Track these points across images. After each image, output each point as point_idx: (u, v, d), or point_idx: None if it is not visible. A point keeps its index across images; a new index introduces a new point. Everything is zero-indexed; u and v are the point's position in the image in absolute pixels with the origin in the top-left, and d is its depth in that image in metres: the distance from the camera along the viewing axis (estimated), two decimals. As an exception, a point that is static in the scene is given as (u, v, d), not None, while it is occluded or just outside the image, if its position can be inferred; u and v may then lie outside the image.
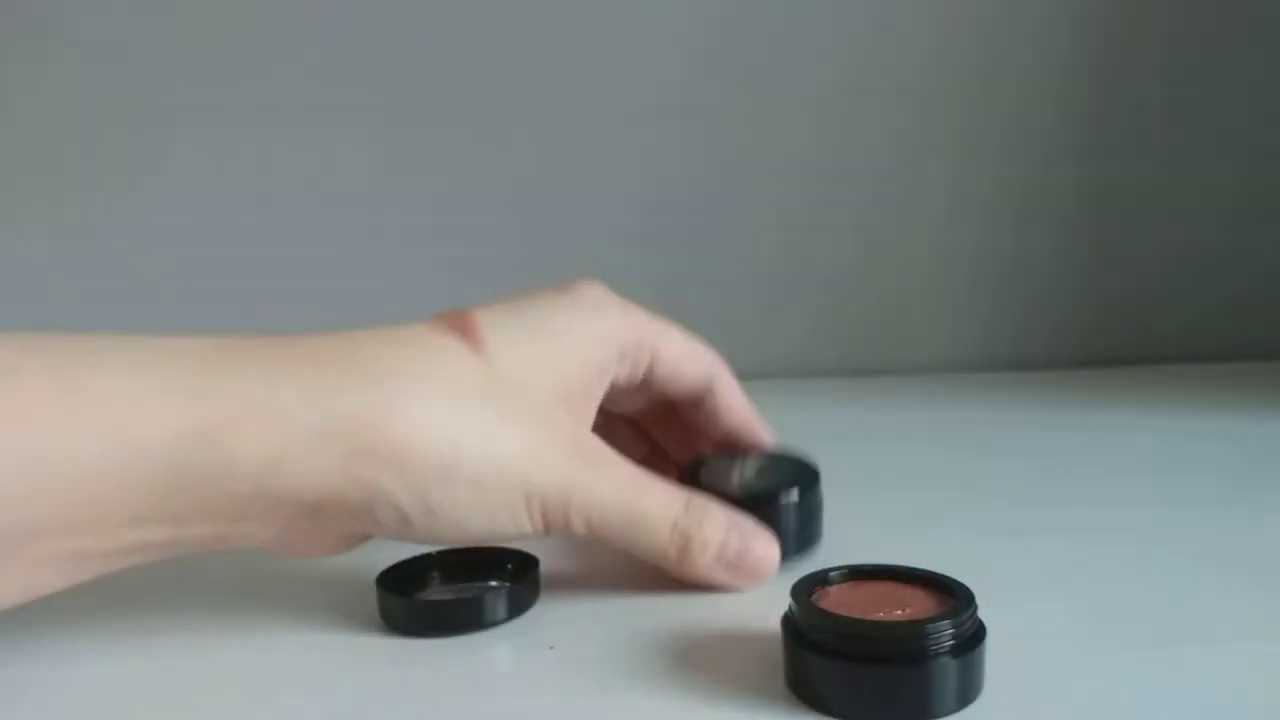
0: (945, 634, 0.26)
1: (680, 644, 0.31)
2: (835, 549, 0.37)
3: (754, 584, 0.34)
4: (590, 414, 0.34)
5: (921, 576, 0.29)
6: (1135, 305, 0.79)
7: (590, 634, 0.32)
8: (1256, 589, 0.34)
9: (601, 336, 0.34)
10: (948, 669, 0.26)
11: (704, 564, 0.33)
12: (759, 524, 0.34)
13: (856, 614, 0.27)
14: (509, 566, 0.36)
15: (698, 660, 0.30)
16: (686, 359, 0.36)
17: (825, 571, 0.29)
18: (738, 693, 0.28)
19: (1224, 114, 0.76)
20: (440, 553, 0.36)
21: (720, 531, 0.33)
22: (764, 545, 0.34)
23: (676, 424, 0.41)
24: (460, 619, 0.32)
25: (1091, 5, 0.74)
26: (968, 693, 0.26)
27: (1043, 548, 0.39)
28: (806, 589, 0.28)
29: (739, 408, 0.39)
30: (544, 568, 0.35)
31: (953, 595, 0.27)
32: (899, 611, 0.27)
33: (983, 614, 0.27)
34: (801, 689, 0.27)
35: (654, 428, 0.42)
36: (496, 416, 0.30)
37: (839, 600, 0.28)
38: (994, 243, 0.78)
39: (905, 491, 0.47)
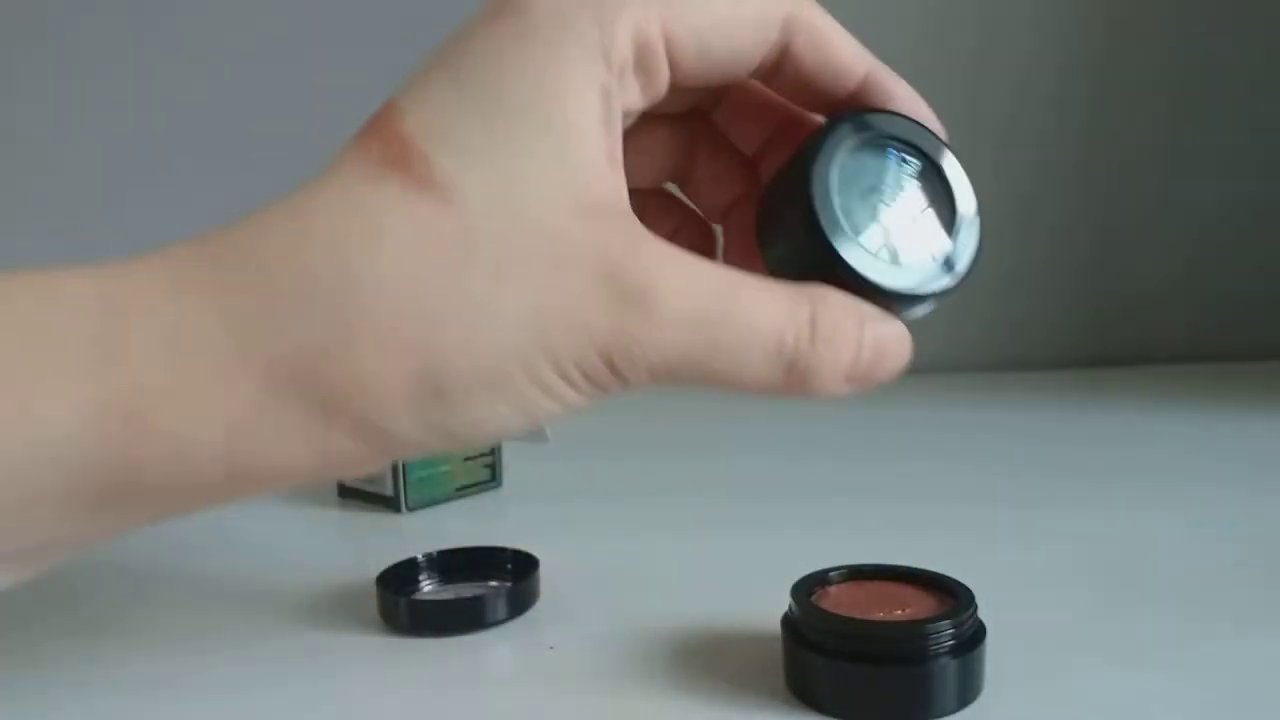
0: (945, 634, 0.26)
1: (680, 644, 0.31)
2: (835, 548, 0.37)
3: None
4: (618, 190, 0.23)
5: (921, 576, 0.29)
6: (1135, 305, 0.79)
7: (590, 634, 0.32)
8: (1256, 589, 0.34)
9: (585, 75, 0.23)
10: (948, 669, 0.26)
11: (830, 389, 0.24)
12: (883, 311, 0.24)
13: (856, 614, 0.27)
14: (509, 566, 0.36)
15: (698, 660, 0.30)
16: (721, 23, 0.24)
17: (825, 571, 0.29)
18: (738, 693, 0.28)
19: (1224, 115, 0.76)
20: (440, 553, 0.36)
21: (852, 343, 0.24)
22: (898, 340, 0.25)
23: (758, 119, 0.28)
24: (460, 619, 0.32)
25: (1090, 3, 0.74)
26: (968, 693, 0.26)
27: (1043, 548, 0.39)
28: (806, 589, 0.28)
29: (847, 58, 0.26)
30: (544, 568, 0.35)
31: (953, 595, 0.27)
32: (899, 611, 0.27)
33: (983, 614, 0.27)
34: (801, 689, 0.27)
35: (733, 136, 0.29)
36: (481, 283, 0.22)
37: (839, 600, 0.28)
38: (994, 243, 0.77)
39: (904, 491, 0.47)
